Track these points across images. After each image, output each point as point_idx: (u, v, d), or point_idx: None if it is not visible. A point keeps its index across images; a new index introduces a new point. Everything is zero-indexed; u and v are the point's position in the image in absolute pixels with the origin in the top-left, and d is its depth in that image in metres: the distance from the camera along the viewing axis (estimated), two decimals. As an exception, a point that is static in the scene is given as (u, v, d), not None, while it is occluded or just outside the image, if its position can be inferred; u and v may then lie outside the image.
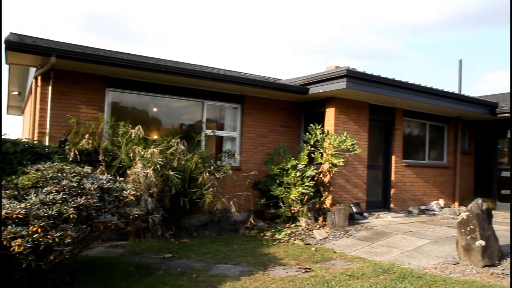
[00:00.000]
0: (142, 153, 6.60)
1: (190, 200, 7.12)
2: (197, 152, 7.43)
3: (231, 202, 7.31)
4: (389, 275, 4.98)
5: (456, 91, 13.86)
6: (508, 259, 5.54)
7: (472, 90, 57.49)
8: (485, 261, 5.32)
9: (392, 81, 9.00)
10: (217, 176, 7.48)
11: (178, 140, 7.27)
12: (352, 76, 8.34)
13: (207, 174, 7.20)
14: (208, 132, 8.75)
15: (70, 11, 48.44)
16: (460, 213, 5.70)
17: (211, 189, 7.21)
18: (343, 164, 8.63)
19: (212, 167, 7.50)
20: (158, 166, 6.54)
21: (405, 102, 9.99)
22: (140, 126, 7.01)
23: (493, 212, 11.11)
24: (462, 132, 12.37)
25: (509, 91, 15.09)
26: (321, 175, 9.01)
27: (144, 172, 6.38)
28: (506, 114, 11.35)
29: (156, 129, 8.47)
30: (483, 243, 5.33)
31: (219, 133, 9.17)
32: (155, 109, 8.60)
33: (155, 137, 7.68)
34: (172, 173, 6.67)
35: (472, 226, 5.46)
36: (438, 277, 4.93)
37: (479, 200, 5.68)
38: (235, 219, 8.12)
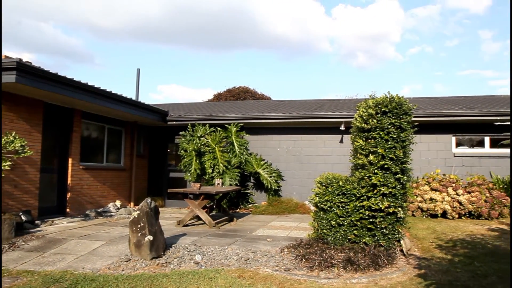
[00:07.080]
0: None
1: None
2: None
3: None
4: (61, 284, 4.74)
5: (134, 98, 14.70)
6: (171, 249, 6.25)
7: (148, 98, 62.57)
8: (153, 254, 5.82)
9: (70, 81, 8.66)
10: None
11: None
12: (24, 70, 7.52)
13: None
14: None
15: None
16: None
17: None
18: (10, 168, 7.65)
19: None
20: None
21: (84, 104, 9.80)
22: None
23: (163, 209, 12.42)
24: (138, 136, 13.22)
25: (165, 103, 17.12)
26: (-18, 182, 7.71)
27: None
28: (174, 122, 12.91)
29: None
30: (151, 238, 5.81)
31: None
32: None
33: None
34: None
35: (142, 224, 5.87)
36: (111, 276, 5.04)
37: (149, 199, 6.17)
38: None
